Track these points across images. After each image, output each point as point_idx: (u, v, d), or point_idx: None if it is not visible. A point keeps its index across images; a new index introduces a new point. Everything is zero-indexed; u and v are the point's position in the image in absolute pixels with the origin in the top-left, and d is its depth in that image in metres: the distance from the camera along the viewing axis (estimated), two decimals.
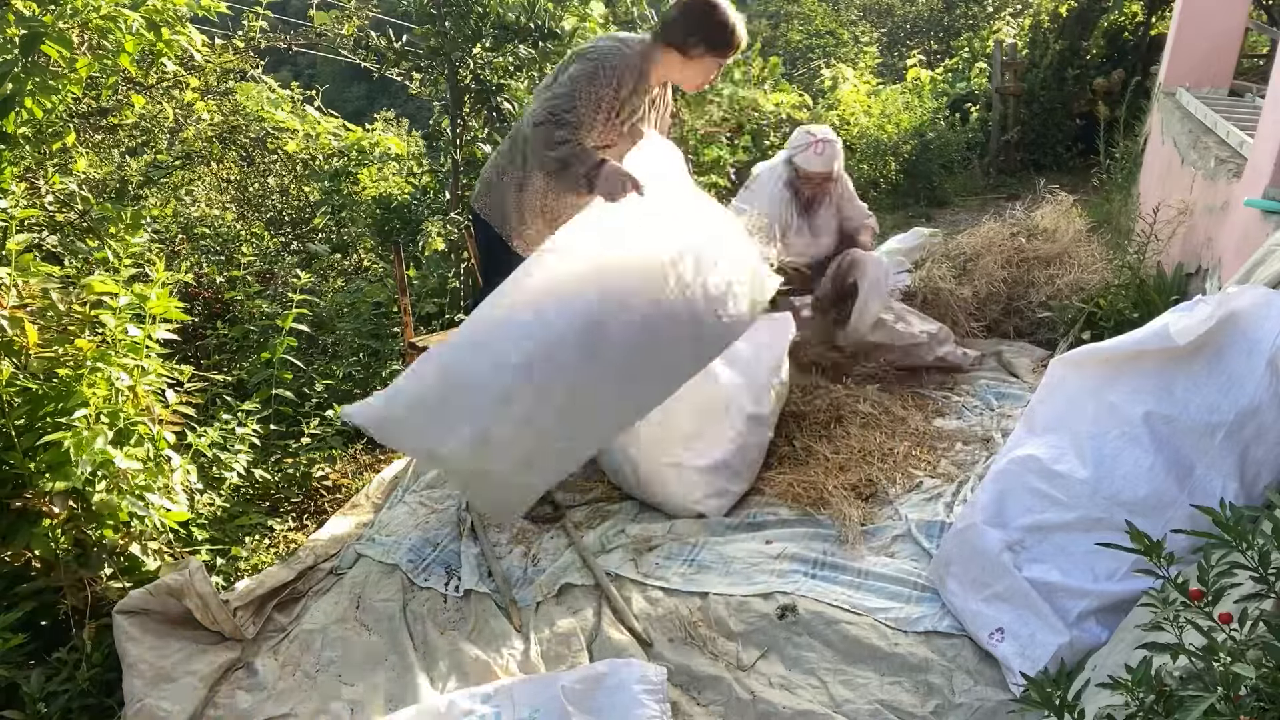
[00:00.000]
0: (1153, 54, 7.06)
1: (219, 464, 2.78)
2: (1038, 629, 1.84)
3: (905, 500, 2.57)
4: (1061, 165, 7.65)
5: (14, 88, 2.52)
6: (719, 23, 2.36)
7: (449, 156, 4.29)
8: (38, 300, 2.26)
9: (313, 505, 3.04)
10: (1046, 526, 1.92)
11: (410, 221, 4.86)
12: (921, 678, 1.89)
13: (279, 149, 5.45)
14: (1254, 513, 1.11)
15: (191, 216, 4.90)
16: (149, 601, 2.10)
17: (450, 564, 2.53)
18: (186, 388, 2.59)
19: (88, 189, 3.89)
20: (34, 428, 2.15)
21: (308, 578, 2.54)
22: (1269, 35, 6.70)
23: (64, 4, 2.74)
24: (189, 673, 2.04)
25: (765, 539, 2.46)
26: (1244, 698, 0.94)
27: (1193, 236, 3.67)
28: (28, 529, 2.09)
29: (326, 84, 7.02)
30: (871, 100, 7.84)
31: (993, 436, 2.83)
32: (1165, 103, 5.08)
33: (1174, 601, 1.08)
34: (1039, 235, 3.96)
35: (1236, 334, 1.79)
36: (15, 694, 1.93)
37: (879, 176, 7.25)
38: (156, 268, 2.53)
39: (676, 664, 2.03)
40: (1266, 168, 2.82)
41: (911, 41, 12.42)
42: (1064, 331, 3.50)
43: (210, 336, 3.83)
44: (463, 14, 3.99)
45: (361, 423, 2.03)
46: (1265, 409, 1.70)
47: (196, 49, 3.51)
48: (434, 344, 3.06)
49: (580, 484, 2.88)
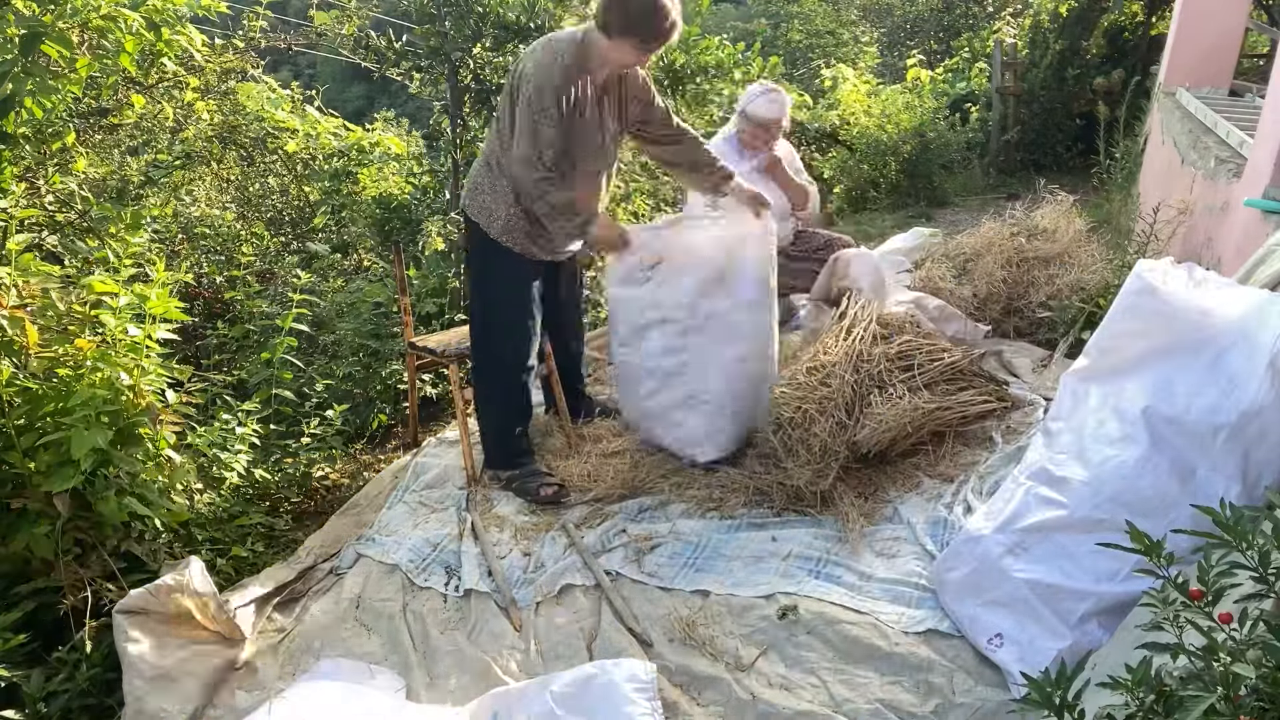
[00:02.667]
0: (1153, 54, 7.07)
1: (219, 464, 2.78)
2: (1037, 634, 1.84)
3: (905, 500, 2.57)
4: (1061, 165, 7.65)
5: (14, 88, 2.51)
6: (639, 8, 2.41)
7: (449, 156, 4.29)
8: (38, 300, 2.27)
9: (313, 505, 3.04)
10: (1048, 527, 1.92)
11: (410, 221, 4.86)
12: (922, 677, 1.89)
13: (279, 149, 5.45)
14: (1254, 513, 1.11)
15: (191, 216, 4.90)
16: (149, 601, 2.10)
17: (450, 564, 2.53)
18: (186, 388, 2.59)
19: (88, 189, 3.89)
20: (34, 428, 2.15)
21: (308, 578, 2.54)
22: (1269, 35, 6.70)
23: (64, 4, 2.74)
24: (189, 673, 2.04)
25: (767, 538, 2.46)
26: (1244, 698, 0.94)
27: (1193, 236, 3.68)
28: (28, 529, 2.09)
29: (326, 84, 7.03)
30: (871, 100, 7.84)
31: (992, 436, 2.83)
32: (1165, 102, 5.08)
33: (1174, 601, 1.08)
34: (1039, 235, 3.96)
35: (1237, 335, 1.79)
36: (15, 694, 1.93)
37: (879, 176, 7.25)
38: (156, 268, 2.53)
39: (676, 664, 2.03)
40: (1266, 168, 2.82)
41: (911, 41, 12.41)
42: (1064, 331, 3.50)
43: (210, 336, 3.84)
44: (463, 14, 4.00)
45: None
46: (1267, 410, 1.69)
47: (196, 49, 3.51)
48: (434, 343, 3.07)
49: (581, 484, 2.88)
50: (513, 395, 2.86)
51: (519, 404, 2.90)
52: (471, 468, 2.98)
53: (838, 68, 8.81)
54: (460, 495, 2.91)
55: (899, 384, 2.72)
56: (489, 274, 2.78)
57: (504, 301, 2.78)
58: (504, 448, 2.91)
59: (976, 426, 2.90)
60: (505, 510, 2.79)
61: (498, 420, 2.90)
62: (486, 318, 2.81)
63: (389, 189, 5.57)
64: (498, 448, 2.92)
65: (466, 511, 2.79)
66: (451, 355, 2.99)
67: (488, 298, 2.80)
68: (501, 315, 2.79)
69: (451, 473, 3.05)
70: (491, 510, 2.80)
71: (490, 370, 2.86)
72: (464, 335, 3.16)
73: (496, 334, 2.81)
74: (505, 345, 2.80)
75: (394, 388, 3.73)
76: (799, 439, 2.60)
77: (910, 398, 2.68)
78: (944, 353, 2.91)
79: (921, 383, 2.77)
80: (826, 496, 2.57)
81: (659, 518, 2.65)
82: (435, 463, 3.12)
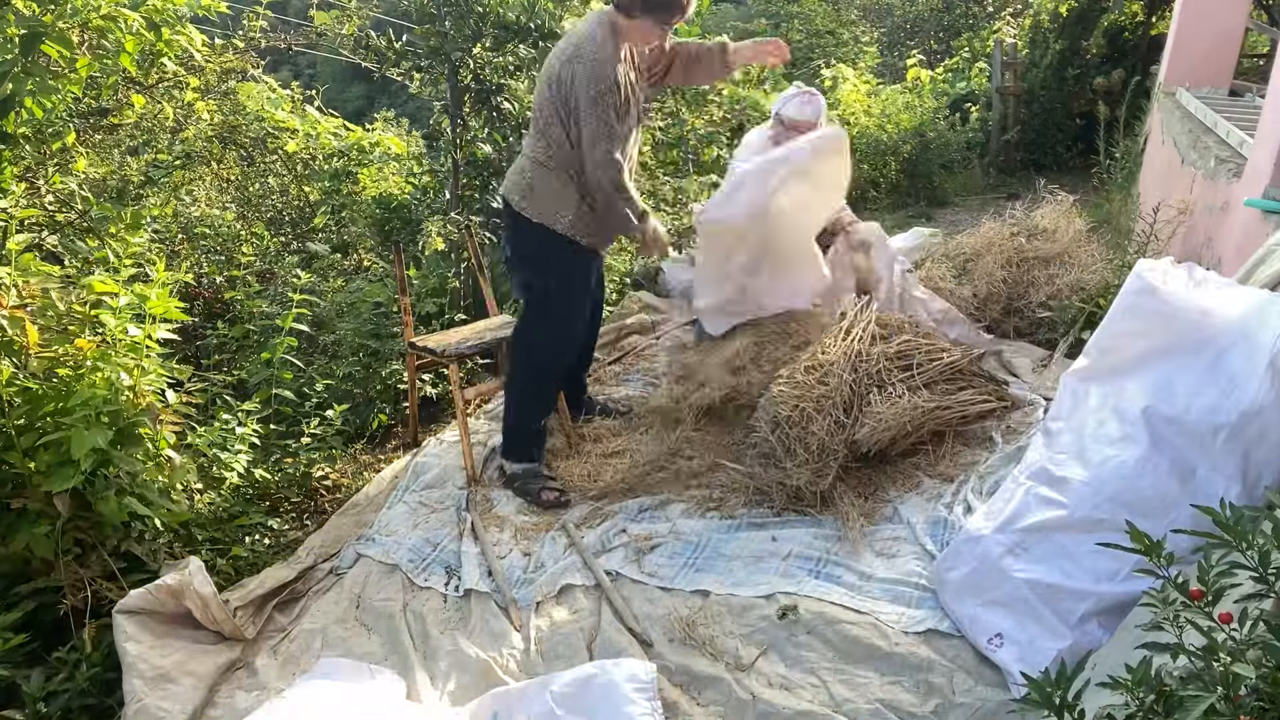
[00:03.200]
0: (1153, 54, 7.06)
1: (219, 464, 2.78)
2: (1037, 634, 1.84)
3: (905, 500, 2.57)
4: (1061, 165, 7.65)
5: (14, 88, 2.51)
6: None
7: (449, 156, 4.28)
8: (38, 300, 2.27)
9: (313, 505, 3.04)
10: (1048, 527, 1.92)
11: (410, 221, 4.86)
12: (922, 677, 1.89)
13: (279, 149, 5.45)
14: (1254, 513, 1.11)
15: (191, 216, 4.90)
16: (149, 601, 2.10)
17: (450, 564, 2.53)
18: (186, 388, 2.59)
19: (88, 189, 3.89)
20: (34, 428, 2.15)
21: (308, 577, 2.54)
22: (1269, 35, 6.70)
23: (64, 4, 2.74)
24: (189, 673, 2.04)
25: (767, 538, 2.46)
26: (1244, 698, 0.94)
27: (1193, 236, 3.68)
28: (28, 529, 2.09)
29: (326, 84, 7.03)
30: (871, 100, 7.84)
31: (992, 436, 2.83)
32: (1165, 102, 5.08)
33: (1174, 601, 1.08)
34: (1039, 235, 3.96)
35: (1237, 335, 1.79)
36: (15, 694, 1.93)
37: (879, 176, 7.25)
38: (156, 268, 2.53)
39: (677, 664, 2.03)
40: (1266, 168, 2.82)
41: (911, 41, 12.41)
42: (1064, 331, 3.50)
43: (210, 336, 3.83)
44: (463, 14, 3.99)
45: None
46: (1267, 410, 1.69)
47: (196, 49, 3.51)
48: (434, 343, 3.07)
49: (581, 484, 2.89)
50: (545, 388, 2.91)
51: (549, 398, 2.96)
52: (471, 468, 2.98)
53: (838, 68, 8.81)
54: (460, 495, 2.91)
55: (898, 383, 2.72)
56: (551, 266, 2.80)
57: (563, 294, 2.81)
58: (524, 438, 2.92)
59: (976, 426, 2.90)
60: (505, 510, 2.79)
61: (526, 411, 2.92)
62: (544, 309, 2.83)
63: (389, 189, 5.56)
64: (517, 436, 2.93)
65: (466, 511, 2.79)
66: (451, 355, 2.99)
67: (549, 289, 2.81)
68: (559, 309, 2.82)
69: (451, 473, 3.05)
70: (491, 510, 2.80)
71: (534, 360, 2.88)
72: (464, 335, 3.16)
73: (551, 326, 2.83)
74: (556, 338, 2.84)
75: (394, 388, 3.73)
76: (796, 437, 2.60)
77: (910, 397, 2.68)
78: (943, 352, 2.91)
79: (921, 382, 2.78)
80: (826, 496, 2.57)
81: (659, 518, 2.65)
82: (435, 463, 3.12)
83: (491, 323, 3.32)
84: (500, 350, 3.20)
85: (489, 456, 3.16)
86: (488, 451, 3.19)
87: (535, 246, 2.80)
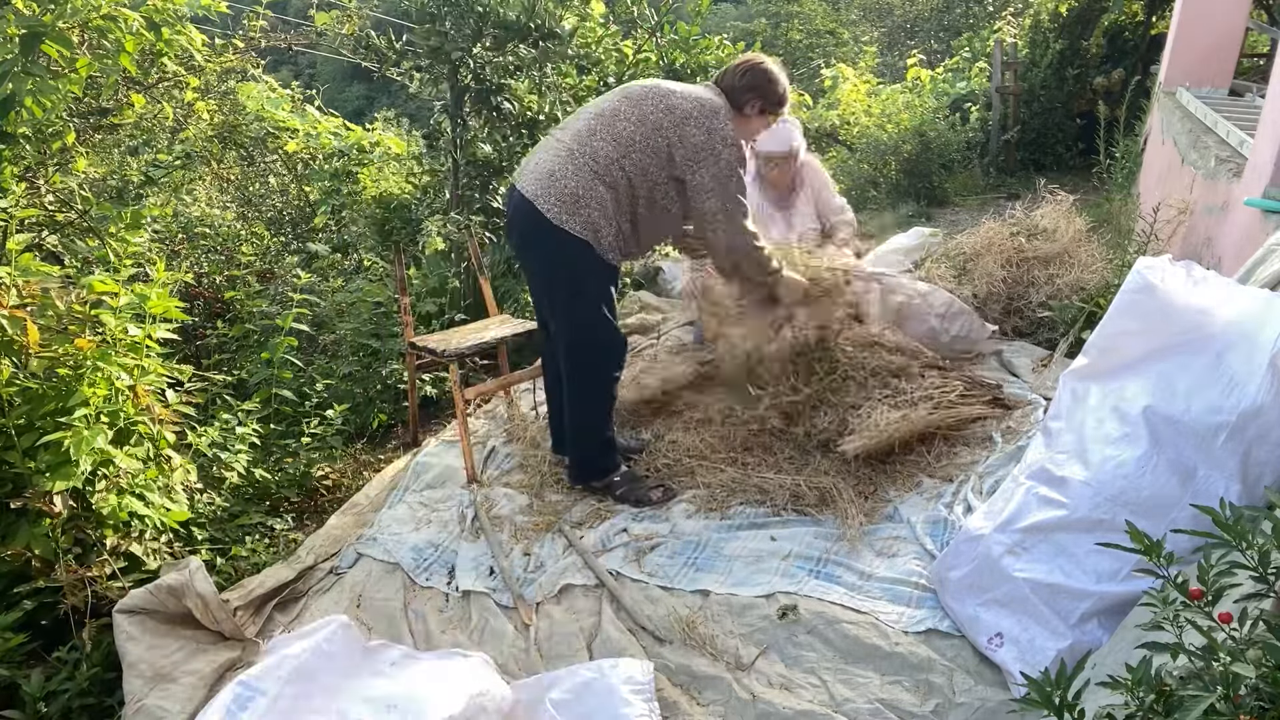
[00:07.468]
0: (1153, 53, 7.07)
1: (219, 464, 2.79)
2: (1037, 634, 1.84)
3: (905, 500, 2.57)
4: (1061, 165, 7.65)
5: (14, 87, 2.51)
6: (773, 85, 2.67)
7: (449, 156, 4.29)
8: (38, 300, 2.27)
9: (313, 505, 3.04)
10: (1048, 527, 1.92)
11: (410, 221, 4.85)
12: (922, 677, 1.89)
13: (279, 149, 5.45)
14: (1254, 513, 1.10)
15: (191, 216, 4.90)
16: (149, 601, 2.10)
17: (452, 564, 2.53)
18: (186, 387, 2.60)
19: (88, 189, 3.89)
20: (34, 427, 2.15)
21: (308, 577, 2.54)
22: (1269, 35, 6.70)
23: (64, 4, 2.74)
24: (189, 673, 2.04)
25: (767, 538, 2.46)
26: (1244, 697, 0.94)
27: (1193, 236, 3.68)
28: (28, 529, 2.09)
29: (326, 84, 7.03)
30: (871, 100, 7.84)
31: (992, 436, 2.83)
32: (1165, 102, 5.08)
33: (1174, 601, 1.08)
34: (1039, 235, 3.96)
35: (1237, 335, 1.78)
36: (15, 694, 1.94)
37: (879, 176, 7.25)
38: (156, 268, 2.53)
39: (677, 664, 2.03)
40: (1266, 168, 2.82)
41: (911, 41, 12.42)
42: (1064, 331, 3.50)
43: (210, 336, 3.83)
44: (463, 14, 3.99)
45: None
46: (1267, 410, 1.69)
47: (196, 49, 3.50)
48: (434, 343, 3.07)
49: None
50: (610, 398, 2.77)
51: (614, 400, 2.81)
52: (471, 468, 2.98)
53: (838, 67, 8.82)
54: (461, 495, 2.91)
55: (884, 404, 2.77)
56: (590, 289, 2.62)
57: (602, 315, 2.64)
58: (604, 451, 2.80)
59: (976, 426, 2.90)
60: (505, 510, 2.79)
61: (598, 428, 2.78)
62: (595, 335, 2.65)
63: (389, 189, 5.56)
64: (604, 457, 2.80)
65: (467, 511, 2.79)
66: (451, 355, 2.99)
67: (593, 315, 2.62)
68: (604, 332, 2.65)
69: (451, 473, 3.05)
70: (491, 510, 2.80)
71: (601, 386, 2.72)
72: (464, 335, 3.16)
73: (604, 350, 2.68)
74: (612, 357, 2.70)
75: (394, 387, 3.73)
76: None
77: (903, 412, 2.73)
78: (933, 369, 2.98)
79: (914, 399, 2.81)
80: (826, 496, 2.57)
81: (659, 517, 2.65)
82: (435, 463, 3.12)
83: (491, 323, 3.32)
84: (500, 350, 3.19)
85: (489, 456, 3.16)
86: (488, 451, 3.19)
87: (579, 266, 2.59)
